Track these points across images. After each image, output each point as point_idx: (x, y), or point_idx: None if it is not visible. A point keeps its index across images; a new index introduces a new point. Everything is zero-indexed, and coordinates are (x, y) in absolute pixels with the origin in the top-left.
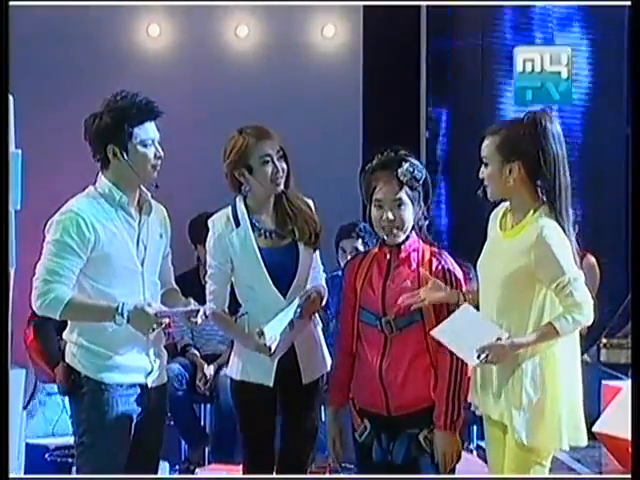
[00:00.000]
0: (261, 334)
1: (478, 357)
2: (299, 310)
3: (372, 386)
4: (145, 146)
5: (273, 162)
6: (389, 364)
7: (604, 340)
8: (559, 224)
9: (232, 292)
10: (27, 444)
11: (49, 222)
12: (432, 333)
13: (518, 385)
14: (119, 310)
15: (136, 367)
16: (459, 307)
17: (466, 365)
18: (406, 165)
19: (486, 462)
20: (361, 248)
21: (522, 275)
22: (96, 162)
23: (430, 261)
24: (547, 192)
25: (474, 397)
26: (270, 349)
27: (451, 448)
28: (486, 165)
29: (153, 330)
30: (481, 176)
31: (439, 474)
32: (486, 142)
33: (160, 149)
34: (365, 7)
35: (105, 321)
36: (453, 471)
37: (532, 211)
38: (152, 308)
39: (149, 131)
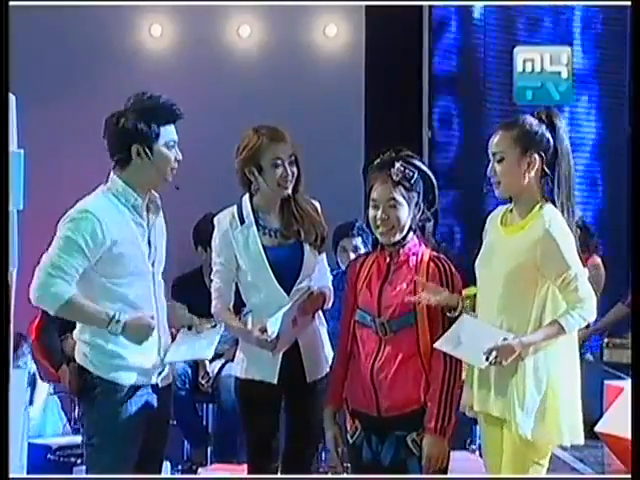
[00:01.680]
0: (264, 330)
1: (486, 359)
2: (301, 306)
3: (364, 386)
4: (168, 148)
5: (284, 165)
6: (380, 365)
7: (606, 340)
8: (566, 220)
9: (237, 291)
10: (30, 444)
11: (63, 218)
12: (436, 345)
13: (521, 381)
14: (116, 318)
15: (148, 367)
16: (456, 312)
17: (460, 370)
18: (397, 165)
19: None
20: (361, 246)
21: (525, 270)
22: (113, 162)
23: (428, 265)
24: (559, 187)
25: (469, 396)
26: (272, 344)
27: (438, 452)
28: (500, 160)
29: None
30: (490, 173)
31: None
32: (499, 136)
33: (179, 152)
34: (367, 7)
35: (99, 326)
36: (444, 472)
37: (538, 207)
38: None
39: (172, 133)
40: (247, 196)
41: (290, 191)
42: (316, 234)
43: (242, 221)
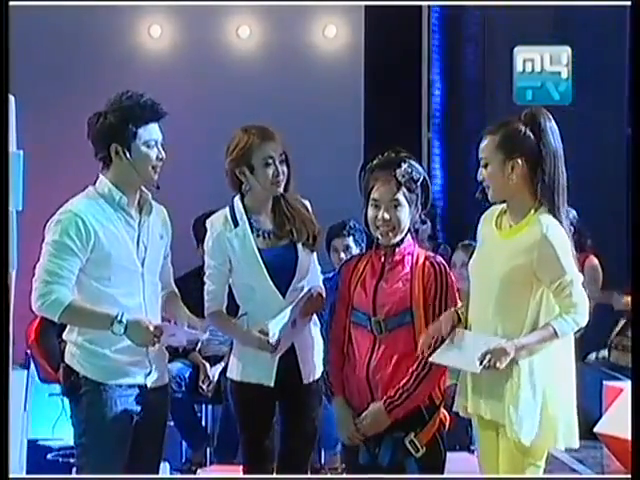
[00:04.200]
0: (266, 333)
1: (480, 363)
2: (301, 308)
3: (360, 386)
4: (148, 147)
5: (275, 164)
6: (376, 364)
7: (615, 341)
8: (558, 221)
9: (230, 293)
10: (30, 444)
11: (48, 222)
12: (432, 359)
13: (515, 385)
14: (118, 318)
15: (135, 368)
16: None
17: (430, 371)
18: (404, 166)
19: None
20: (353, 245)
21: (521, 274)
22: (98, 161)
23: (424, 264)
24: (546, 188)
25: (463, 399)
26: (273, 346)
27: (377, 423)
28: (486, 165)
29: (152, 344)
30: (480, 177)
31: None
32: (485, 142)
33: (162, 151)
34: (366, 7)
35: (102, 329)
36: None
37: (533, 210)
38: (152, 324)
39: (152, 132)
40: (238, 197)
41: (282, 190)
42: (308, 233)
43: (235, 223)
